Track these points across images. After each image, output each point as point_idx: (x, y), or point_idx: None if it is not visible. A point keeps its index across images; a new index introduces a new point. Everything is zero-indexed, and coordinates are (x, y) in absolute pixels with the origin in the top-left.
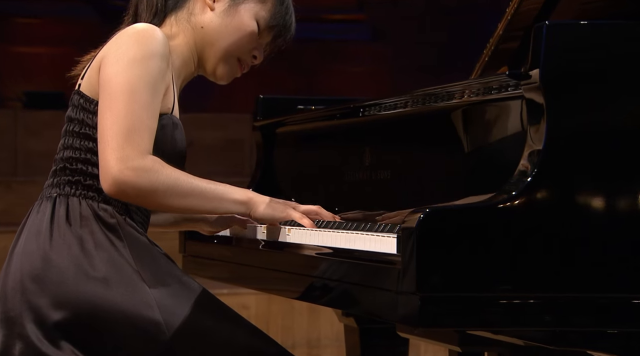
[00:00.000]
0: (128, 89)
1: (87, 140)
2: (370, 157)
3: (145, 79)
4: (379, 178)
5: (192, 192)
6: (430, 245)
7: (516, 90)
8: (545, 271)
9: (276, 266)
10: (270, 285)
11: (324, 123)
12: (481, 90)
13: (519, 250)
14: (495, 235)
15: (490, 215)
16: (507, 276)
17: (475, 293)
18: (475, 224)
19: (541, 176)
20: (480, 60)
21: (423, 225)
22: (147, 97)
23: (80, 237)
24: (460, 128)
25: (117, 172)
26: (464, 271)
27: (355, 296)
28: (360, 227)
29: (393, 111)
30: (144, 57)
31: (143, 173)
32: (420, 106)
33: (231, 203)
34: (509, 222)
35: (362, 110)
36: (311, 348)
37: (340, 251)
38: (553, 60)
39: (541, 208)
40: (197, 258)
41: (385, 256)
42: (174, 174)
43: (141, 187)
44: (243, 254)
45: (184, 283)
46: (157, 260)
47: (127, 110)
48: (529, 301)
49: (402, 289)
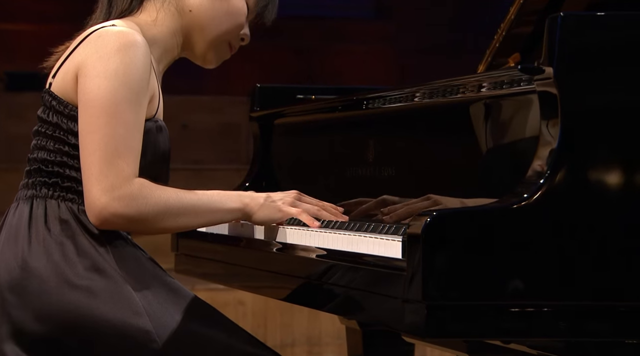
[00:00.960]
0: (111, 109)
1: (62, 143)
2: (373, 152)
3: (128, 97)
4: (382, 175)
5: (184, 211)
6: (438, 250)
7: (529, 85)
8: (561, 277)
9: (274, 267)
10: (267, 288)
11: (325, 116)
12: (492, 84)
13: (532, 256)
14: (506, 239)
15: (501, 218)
16: (520, 283)
17: (486, 301)
18: (485, 228)
19: (555, 177)
20: (490, 47)
21: (430, 230)
22: (131, 115)
23: (60, 243)
24: (469, 124)
25: (103, 204)
26: (474, 278)
27: (358, 303)
28: (363, 228)
29: (398, 104)
30: (126, 70)
31: (130, 202)
32: (427, 100)
33: (226, 213)
34: (521, 226)
35: (365, 102)
36: (312, 346)
37: (343, 254)
38: (568, 54)
39: (556, 211)
40: (190, 257)
41: (390, 261)
42: (163, 196)
43: (130, 216)
44: (239, 254)
45: (173, 289)
46: (142, 265)
47: (111, 134)
48: (542, 310)
49: (408, 297)
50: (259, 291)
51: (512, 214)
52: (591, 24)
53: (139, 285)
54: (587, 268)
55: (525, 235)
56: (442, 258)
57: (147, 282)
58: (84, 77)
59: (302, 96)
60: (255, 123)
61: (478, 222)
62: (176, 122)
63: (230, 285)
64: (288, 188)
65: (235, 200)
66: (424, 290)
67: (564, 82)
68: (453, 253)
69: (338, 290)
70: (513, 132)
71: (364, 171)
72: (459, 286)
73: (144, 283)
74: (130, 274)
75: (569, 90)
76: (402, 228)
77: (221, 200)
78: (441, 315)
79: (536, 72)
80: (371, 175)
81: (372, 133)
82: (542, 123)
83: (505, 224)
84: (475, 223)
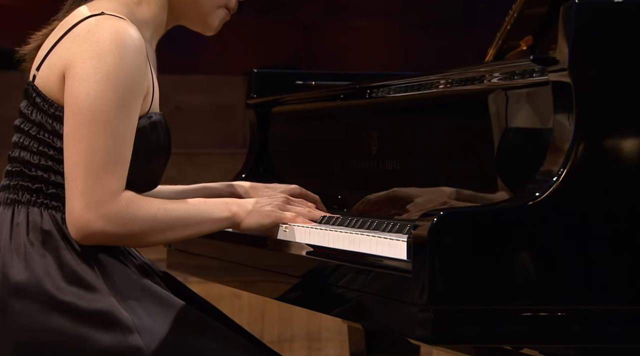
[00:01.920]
0: (101, 118)
1: (47, 146)
2: (377, 144)
3: (120, 103)
4: (386, 168)
5: (172, 225)
6: (445, 252)
7: (542, 76)
8: (576, 280)
9: (270, 266)
10: (263, 286)
11: (327, 104)
12: (503, 75)
13: (546, 257)
14: (518, 240)
15: (512, 218)
16: (532, 287)
17: (496, 306)
18: (495, 229)
19: (570, 175)
20: (501, 28)
21: (436, 230)
22: (122, 123)
23: (42, 255)
24: (479, 117)
25: (88, 221)
26: (483, 281)
27: (359, 306)
28: (365, 225)
29: (403, 94)
30: (118, 74)
31: (117, 220)
32: (435, 90)
33: (213, 223)
34: (533, 226)
35: (369, 91)
36: (311, 341)
37: (343, 253)
38: (583, 43)
39: (570, 211)
40: (183, 252)
41: (394, 262)
42: (151, 212)
43: (115, 235)
44: (233, 250)
45: (162, 300)
46: (129, 277)
47: (100, 145)
48: (556, 314)
49: (414, 301)
50: (254, 289)
51: (525, 213)
52: (607, 11)
53: (127, 299)
54: (604, 270)
55: (539, 235)
56: (450, 260)
57: (135, 295)
58: (72, 79)
59: (301, 82)
60: (252, 110)
61: (488, 222)
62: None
63: (224, 282)
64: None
65: (223, 208)
66: (431, 293)
67: (579, 72)
68: (461, 255)
69: (338, 292)
70: (525, 125)
71: (367, 164)
72: (467, 290)
73: (132, 297)
74: (117, 288)
75: (585, 82)
76: (406, 226)
77: (208, 210)
78: (449, 320)
79: (549, 62)
80: (374, 168)
81: (375, 123)
82: (556, 117)
83: (518, 224)
84: (485, 223)
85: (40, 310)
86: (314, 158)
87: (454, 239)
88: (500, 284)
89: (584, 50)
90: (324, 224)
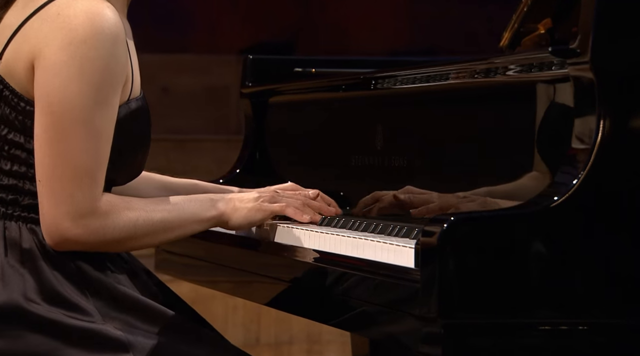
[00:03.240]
0: (76, 117)
1: (19, 149)
2: (382, 139)
3: (98, 99)
4: (392, 165)
5: (154, 229)
6: (456, 260)
7: (561, 69)
8: (599, 292)
9: (264, 271)
10: (257, 294)
11: (328, 95)
12: (518, 68)
13: (566, 266)
14: (536, 248)
15: (530, 224)
16: (552, 298)
17: (511, 319)
18: (510, 236)
19: (591, 179)
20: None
21: (447, 237)
22: (101, 122)
23: (21, 275)
24: (492, 112)
25: (64, 230)
26: (498, 292)
27: (362, 318)
28: (370, 228)
29: (411, 86)
30: (95, 66)
31: (97, 229)
32: (444, 82)
33: (199, 224)
34: (552, 232)
35: (373, 82)
36: (312, 343)
37: (345, 259)
38: (606, 34)
39: (592, 217)
40: (172, 254)
41: (400, 270)
42: (132, 217)
43: (94, 243)
44: (224, 253)
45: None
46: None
47: (77, 147)
48: (577, 328)
49: (422, 313)
50: (248, 296)
51: (543, 218)
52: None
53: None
54: (629, 280)
55: (559, 242)
56: (461, 269)
57: (123, 309)
58: (42, 71)
59: (300, 69)
60: (247, 100)
61: (503, 228)
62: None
63: (215, 288)
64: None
65: (208, 207)
66: (441, 305)
67: (602, 66)
68: (474, 264)
69: (338, 301)
70: (542, 122)
71: (371, 160)
72: (481, 302)
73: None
74: (104, 304)
75: (608, 77)
76: (414, 230)
77: (193, 210)
78: (460, 334)
79: (570, 54)
80: (379, 165)
81: (380, 117)
82: (577, 114)
83: (536, 230)
84: (500, 229)
85: (20, 331)
86: (314, 153)
87: (466, 246)
88: (516, 295)
89: (607, 41)
90: (325, 226)
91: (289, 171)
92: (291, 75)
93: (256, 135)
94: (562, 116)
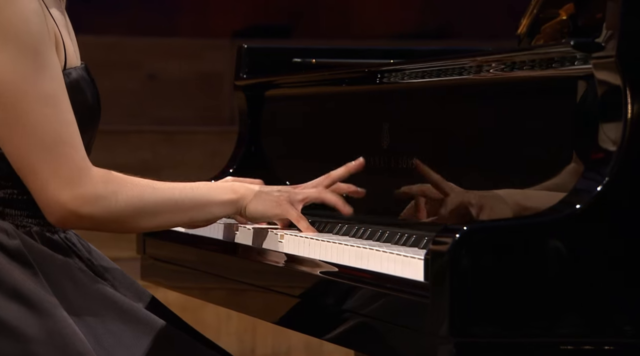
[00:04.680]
0: (23, 90)
1: None
2: (388, 138)
3: (34, 65)
4: (400, 167)
5: (164, 207)
6: (470, 273)
7: (585, 65)
8: (627, 308)
9: (259, 281)
10: (250, 306)
11: (330, 89)
12: (536, 63)
13: (591, 281)
14: (557, 261)
15: (549, 234)
16: (574, 315)
17: (530, 338)
18: (529, 247)
19: (616, 186)
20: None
21: (459, 249)
22: (50, 85)
23: None
24: (508, 111)
25: (64, 203)
26: (516, 308)
27: (366, 335)
28: (375, 237)
29: (421, 80)
30: (16, 30)
31: (96, 200)
32: (456, 77)
33: (215, 207)
34: (574, 243)
35: (379, 75)
36: (311, 354)
37: (348, 270)
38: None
39: (618, 226)
40: (159, 261)
41: (408, 283)
42: (136, 190)
43: (98, 218)
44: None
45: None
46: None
47: (39, 120)
48: (603, 348)
49: (432, 331)
50: (241, 308)
51: (565, 228)
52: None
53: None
54: None
55: (583, 254)
56: (475, 283)
57: (92, 309)
58: None
59: (299, 60)
60: (242, 93)
61: (521, 239)
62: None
63: (206, 298)
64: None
65: (227, 190)
66: (452, 323)
67: (630, 61)
68: (490, 277)
69: (340, 316)
70: (563, 121)
71: (376, 161)
72: (496, 319)
73: (88, 311)
74: (69, 302)
75: (637, 73)
76: (423, 239)
77: (209, 192)
78: (474, 354)
79: (594, 48)
80: (385, 166)
81: (387, 113)
82: (602, 113)
83: (557, 241)
84: (517, 240)
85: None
86: (314, 153)
87: (481, 258)
88: (536, 312)
89: (637, 33)
90: (326, 233)
91: (287, 172)
92: (290, 66)
93: (251, 132)
94: (584, 117)
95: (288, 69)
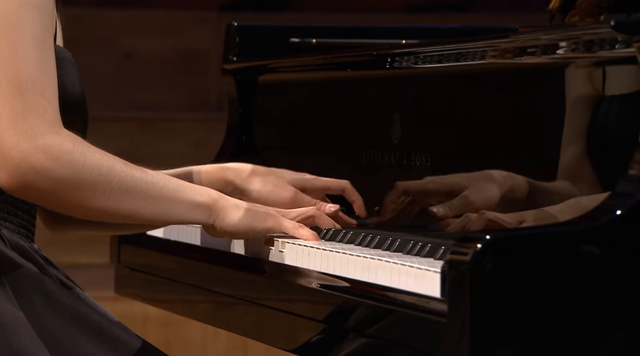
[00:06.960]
0: (12, 21)
1: None
2: (399, 130)
3: (31, 2)
4: (411, 163)
5: (134, 189)
6: (493, 289)
7: (627, 48)
8: None
9: (251, 296)
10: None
11: (332, 75)
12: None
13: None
14: (594, 274)
15: (584, 244)
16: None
17: None
18: (560, 258)
19: None
20: None
21: (481, 261)
22: (41, 28)
23: None
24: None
25: (24, 153)
26: (544, 329)
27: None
28: (384, 245)
29: (436, 65)
30: None
31: (61, 155)
32: (477, 61)
33: (188, 206)
34: (612, 253)
35: (389, 59)
36: None
37: (353, 284)
38: None
39: None
40: (136, 271)
41: (422, 300)
42: (108, 160)
43: (59, 176)
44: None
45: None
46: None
47: (19, 56)
48: None
49: (449, 353)
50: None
51: (602, 236)
52: None
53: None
54: None
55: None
56: (499, 300)
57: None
58: None
59: (297, 40)
60: (231, 78)
61: (551, 249)
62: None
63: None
64: None
65: (203, 192)
66: (473, 346)
67: None
68: (516, 293)
69: (345, 336)
70: (598, 115)
71: (386, 157)
72: (523, 341)
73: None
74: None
75: None
76: (439, 248)
77: (184, 189)
78: None
79: (637, 29)
80: (396, 163)
81: (398, 103)
82: None
83: (592, 251)
84: (547, 251)
85: None
86: (315, 148)
87: (505, 271)
88: (572, 332)
89: None
90: (329, 241)
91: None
92: (286, 48)
93: (242, 122)
94: (626, 109)
95: (284, 50)
